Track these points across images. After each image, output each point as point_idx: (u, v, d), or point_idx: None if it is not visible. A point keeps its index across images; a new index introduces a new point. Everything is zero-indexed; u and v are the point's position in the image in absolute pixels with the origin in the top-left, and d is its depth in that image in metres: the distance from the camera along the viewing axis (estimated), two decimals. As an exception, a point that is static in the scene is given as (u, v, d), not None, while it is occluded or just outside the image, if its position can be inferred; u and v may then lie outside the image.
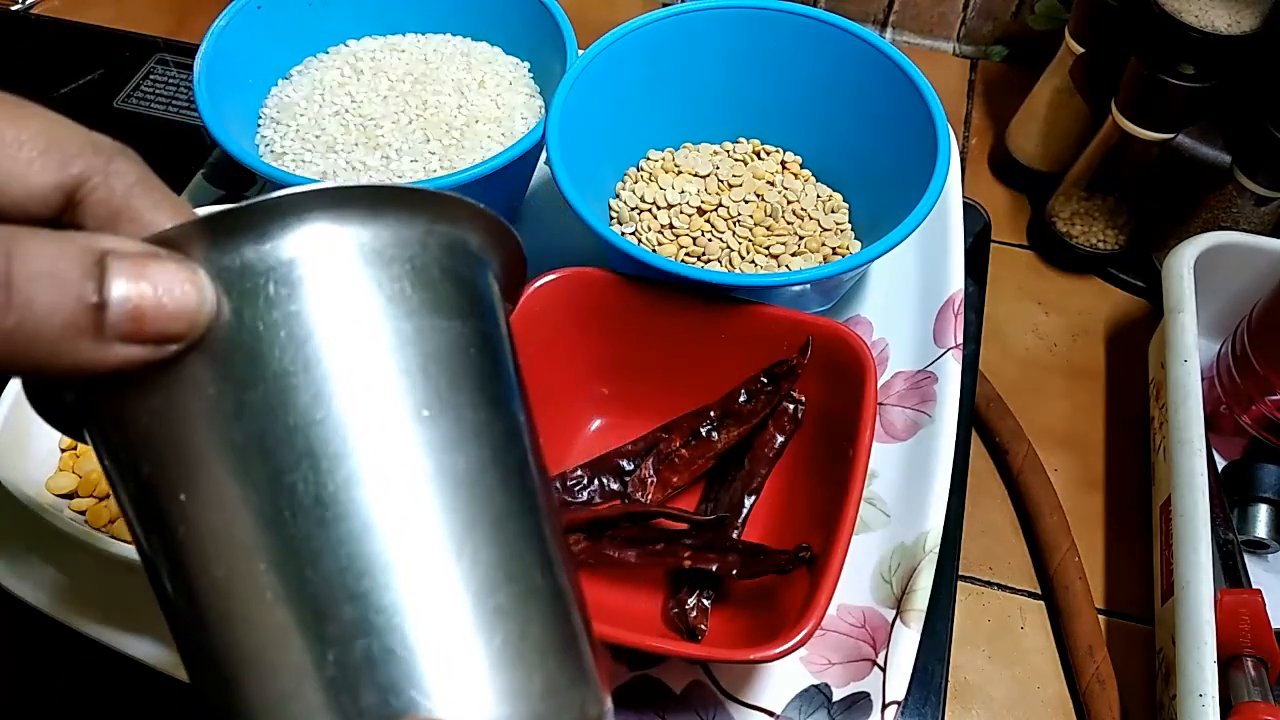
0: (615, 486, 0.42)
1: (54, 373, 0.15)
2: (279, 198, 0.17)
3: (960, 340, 0.44)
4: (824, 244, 0.46)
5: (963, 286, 0.46)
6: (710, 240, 0.46)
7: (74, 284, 0.14)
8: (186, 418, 0.16)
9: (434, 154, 0.47)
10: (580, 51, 0.46)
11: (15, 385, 0.37)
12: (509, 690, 0.17)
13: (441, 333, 0.18)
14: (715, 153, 0.50)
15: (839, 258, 0.46)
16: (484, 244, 0.20)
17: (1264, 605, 0.39)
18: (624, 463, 0.42)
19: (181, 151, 0.57)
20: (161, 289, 0.15)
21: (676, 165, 0.48)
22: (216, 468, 0.16)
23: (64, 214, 0.17)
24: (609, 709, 0.19)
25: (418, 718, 0.16)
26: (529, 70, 0.52)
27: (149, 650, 0.36)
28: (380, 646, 0.16)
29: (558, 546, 0.19)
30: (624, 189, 0.48)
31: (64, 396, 0.19)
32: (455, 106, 0.48)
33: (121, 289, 0.15)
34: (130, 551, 0.34)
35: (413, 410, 0.17)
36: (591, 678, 0.18)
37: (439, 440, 0.17)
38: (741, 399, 0.41)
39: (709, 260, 0.45)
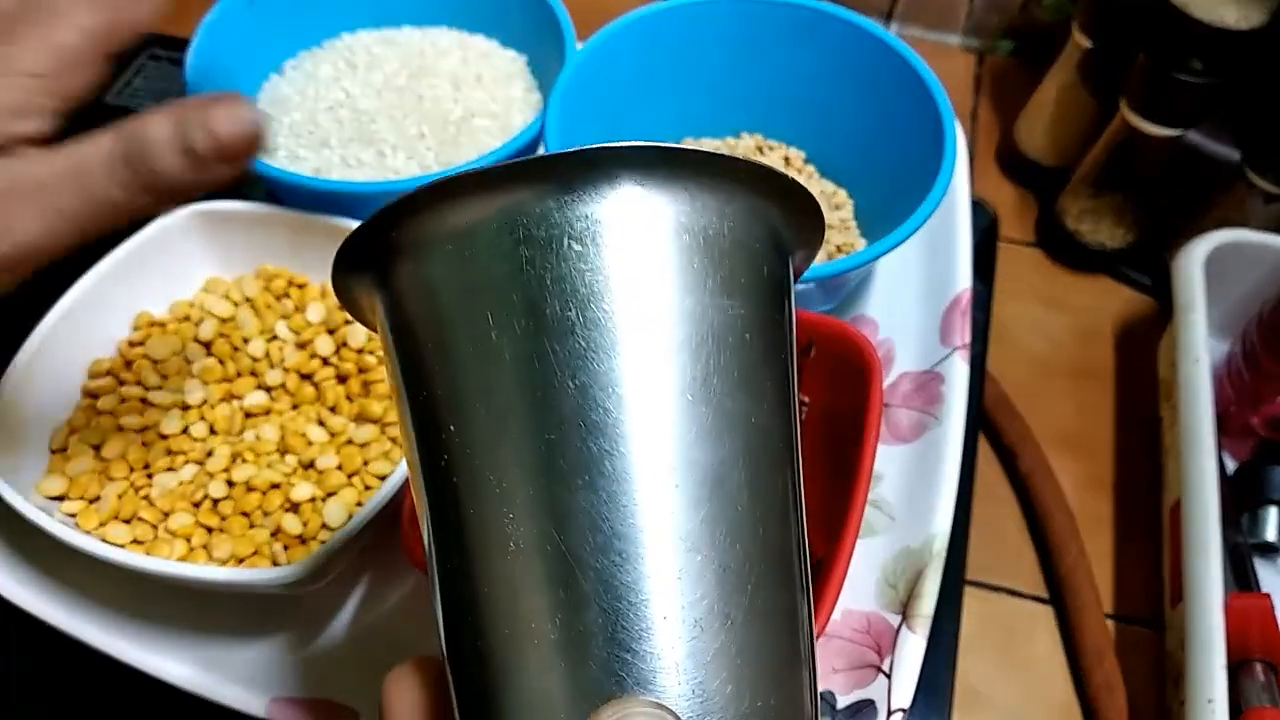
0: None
1: (198, 187, 0.25)
2: (590, 152, 0.17)
3: (968, 340, 0.44)
4: (828, 241, 0.45)
5: (970, 285, 0.46)
6: (712, 237, 0.45)
7: (173, 138, 0.24)
8: (458, 349, 0.17)
9: (430, 150, 0.46)
10: (579, 44, 0.46)
11: (4, 388, 0.37)
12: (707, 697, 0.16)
13: (720, 312, 0.17)
14: (717, 148, 0.49)
15: (843, 255, 0.45)
16: (784, 218, 0.19)
17: (1273, 609, 0.39)
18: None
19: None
20: (223, 120, 0.24)
21: (678, 161, 0.48)
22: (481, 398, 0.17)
23: None
24: None
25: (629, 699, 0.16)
26: (527, 64, 0.51)
27: (137, 654, 0.36)
28: (601, 628, 0.16)
29: (801, 561, 0.18)
30: (624, 185, 0.47)
31: (363, 304, 0.20)
32: (452, 101, 0.47)
33: (196, 131, 0.24)
34: (120, 555, 0.33)
35: (677, 391, 0.17)
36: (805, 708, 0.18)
37: (694, 428, 0.17)
38: (744, 400, 0.41)
39: (711, 258, 0.44)
